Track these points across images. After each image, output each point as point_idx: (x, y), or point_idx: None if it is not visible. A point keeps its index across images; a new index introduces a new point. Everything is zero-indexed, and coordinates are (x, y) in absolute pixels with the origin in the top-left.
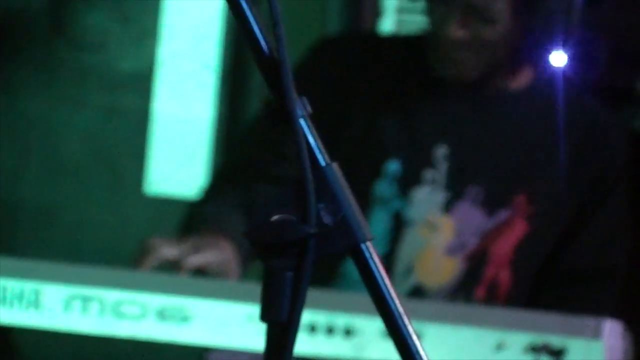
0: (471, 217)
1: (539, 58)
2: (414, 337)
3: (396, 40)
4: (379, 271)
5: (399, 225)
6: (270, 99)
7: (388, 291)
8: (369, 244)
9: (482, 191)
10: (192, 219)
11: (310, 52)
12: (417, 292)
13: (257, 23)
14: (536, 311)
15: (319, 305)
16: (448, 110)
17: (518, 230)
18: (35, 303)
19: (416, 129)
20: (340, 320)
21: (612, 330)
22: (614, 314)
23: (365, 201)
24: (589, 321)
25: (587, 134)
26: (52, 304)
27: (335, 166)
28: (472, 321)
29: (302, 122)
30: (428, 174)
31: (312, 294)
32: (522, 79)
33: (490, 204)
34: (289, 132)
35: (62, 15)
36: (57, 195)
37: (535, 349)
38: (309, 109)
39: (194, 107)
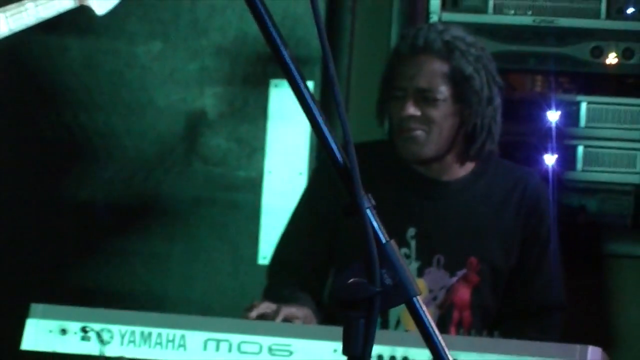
0: (438, 277)
1: (475, 150)
2: None
3: (368, 146)
4: (426, 315)
5: None
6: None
7: (433, 329)
8: (418, 297)
9: (443, 258)
10: (273, 293)
11: (312, 174)
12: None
13: (334, 141)
14: (537, 341)
15: (383, 342)
16: (414, 201)
17: (472, 282)
18: (183, 344)
19: (391, 217)
20: (399, 351)
21: (593, 353)
22: (561, 338)
23: None
24: (576, 347)
25: (523, 201)
26: (195, 345)
27: (392, 242)
28: (491, 350)
29: (368, 212)
30: (403, 251)
31: (378, 333)
32: (466, 169)
33: (451, 267)
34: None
35: (196, 140)
36: (195, 268)
37: None
38: (373, 202)
39: (292, 197)
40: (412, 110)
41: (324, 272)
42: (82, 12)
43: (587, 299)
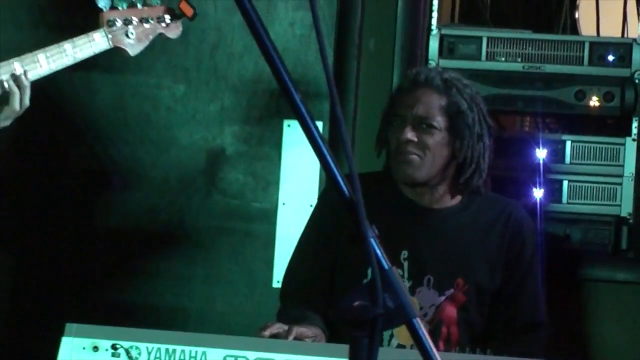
0: (428, 296)
1: (464, 182)
2: None
3: (367, 176)
4: (425, 335)
5: None
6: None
7: (431, 347)
8: (417, 319)
9: (433, 279)
10: (285, 314)
11: (317, 200)
12: (400, 348)
13: (340, 175)
14: (524, 358)
15: (385, 358)
16: (407, 226)
17: (459, 300)
18: None
19: (387, 240)
20: None
21: None
22: (545, 354)
23: None
24: None
25: (506, 229)
26: None
27: (394, 269)
28: None
29: (372, 240)
30: (397, 272)
31: (380, 350)
32: (455, 199)
33: (440, 287)
34: (363, 248)
35: (215, 174)
36: (215, 290)
37: None
38: (376, 232)
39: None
40: (410, 135)
41: (328, 290)
42: (113, 57)
43: (571, 320)
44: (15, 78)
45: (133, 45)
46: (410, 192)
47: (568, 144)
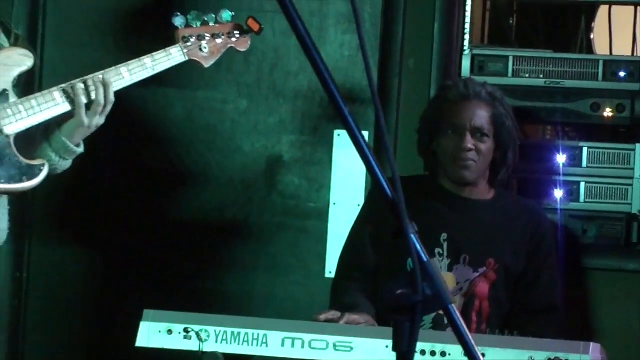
0: (464, 272)
1: (498, 179)
2: (479, 355)
3: (414, 177)
4: (459, 319)
5: None
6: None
7: (464, 330)
8: (452, 305)
9: (468, 258)
10: (338, 301)
11: (366, 197)
12: (438, 318)
13: (384, 177)
14: (547, 339)
15: (425, 340)
16: (447, 213)
17: (490, 278)
18: (266, 342)
19: (429, 224)
20: (438, 347)
21: (594, 348)
22: (562, 332)
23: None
24: (580, 344)
25: (529, 223)
26: (275, 343)
27: (432, 260)
28: (513, 346)
29: (412, 236)
30: (437, 250)
31: (421, 333)
32: (490, 194)
33: (474, 265)
34: (404, 243)
35: (274, 178)
36: (274, 280)
37: None
38: (416, 228)
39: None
40: (470, 144)
41: (374, 276)
42: (185, 76)
43: (586, 307)
44: (99, 80)
45: (206, 58)
46: (453, 187)
47: (585, 150)
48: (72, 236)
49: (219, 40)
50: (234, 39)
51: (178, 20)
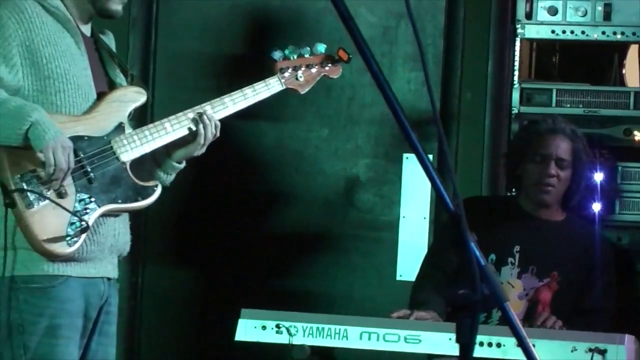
0: (530, 281)
1: (571, 204)
2: (531, 346)
3: (498, 197)
4: (513, 315)
5: None
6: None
7: (517, 324)
8: (507, 303)
9: (536, 269)
10: (414, 301)
11: (440, 227)
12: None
13: (447, 194)
14: (590, 332)
15: (483, 332)
16: (520, 228)
17: (552, 288)
18: (346, 336)
19: (504, 238)
20: (494, 339)
21: (629, 339)
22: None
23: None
24: (616, 335)
25: (590, 244)
26: (354, 336)
27: (489, 265)
28: (558, 338)
29: (472, 244)
30: (509, 260)
31: (480, 327)
32: (561, 216)
33: (540, 275)
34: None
35: (352, 196)
36: (353, 282)
37: (591, 350)
38: (475, 237)
39: (419, 234)
40: (554, 172)
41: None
42: (275, 109)
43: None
44: (206, 114)
45: (302, 86)
46: (530, 207)
47: (619, 169)
48: (179, 247)
49: (313, 70)
50: (326, 68)
51: (276, 54)
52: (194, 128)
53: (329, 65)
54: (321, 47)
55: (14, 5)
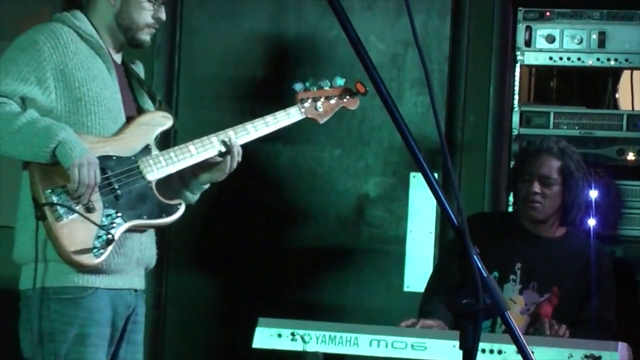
0: (531, 296)
1: (569, 220)
2: (530, 352)
3: (499, 213)
4: (513, 323)
5: None
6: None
7: (517, 332)
8: (508, 312)
9: (536, 285)
10: (422, 312)
11: (446, 245)
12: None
13: (451, 210)
14: (586, 340)
15: (486, 340)
16: (522, 246)
17: (553, 302)
18: (357, 343)
19: (506, 256)
20: (496, 346)
21: (622, 347)
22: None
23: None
24: (611, 343)
25: (590, 258)
26: (364, 343)
27: (490, 276)
28: (556, 345)
29: (475, 257)
30: (511, 277)
31: (482, 335)
32: (560, 232)
33: (540, 291)
34: (467, 264)
35: (363, 212)
36: (362, 293)
37: (586, 357)
38: (478, 250)
39: (426, 248)
40: (536, 189)
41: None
42: (291, 133)
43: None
44: (230, 141)
45: (321, 116)
46: (529, 224)
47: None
48: (201, 259)
49: (332, 101)
50: (345, 100)
51: (298, 86)
52: (223, 149)
53: (347, 97)
54: (340, 81)
55: (49, 31)
